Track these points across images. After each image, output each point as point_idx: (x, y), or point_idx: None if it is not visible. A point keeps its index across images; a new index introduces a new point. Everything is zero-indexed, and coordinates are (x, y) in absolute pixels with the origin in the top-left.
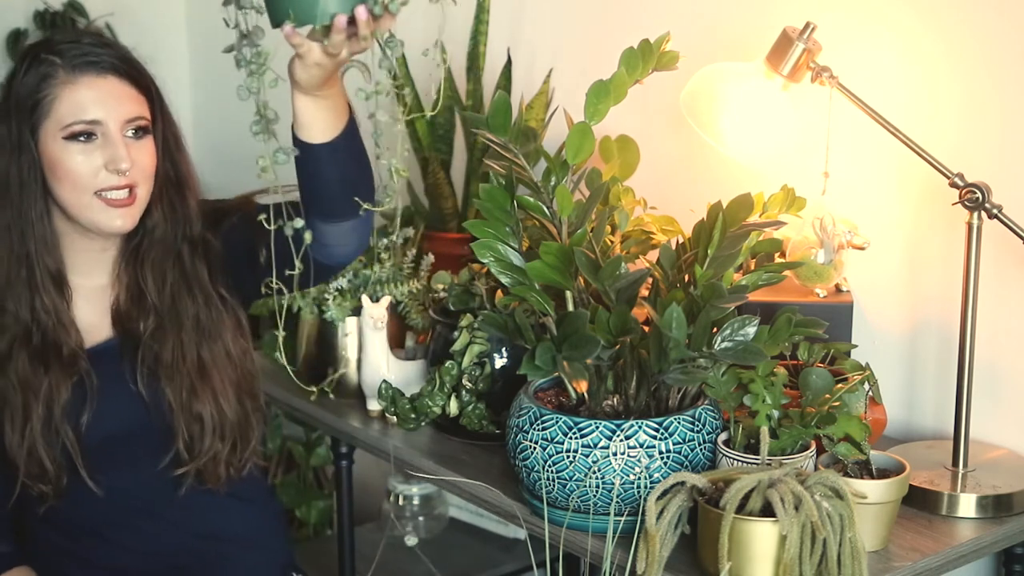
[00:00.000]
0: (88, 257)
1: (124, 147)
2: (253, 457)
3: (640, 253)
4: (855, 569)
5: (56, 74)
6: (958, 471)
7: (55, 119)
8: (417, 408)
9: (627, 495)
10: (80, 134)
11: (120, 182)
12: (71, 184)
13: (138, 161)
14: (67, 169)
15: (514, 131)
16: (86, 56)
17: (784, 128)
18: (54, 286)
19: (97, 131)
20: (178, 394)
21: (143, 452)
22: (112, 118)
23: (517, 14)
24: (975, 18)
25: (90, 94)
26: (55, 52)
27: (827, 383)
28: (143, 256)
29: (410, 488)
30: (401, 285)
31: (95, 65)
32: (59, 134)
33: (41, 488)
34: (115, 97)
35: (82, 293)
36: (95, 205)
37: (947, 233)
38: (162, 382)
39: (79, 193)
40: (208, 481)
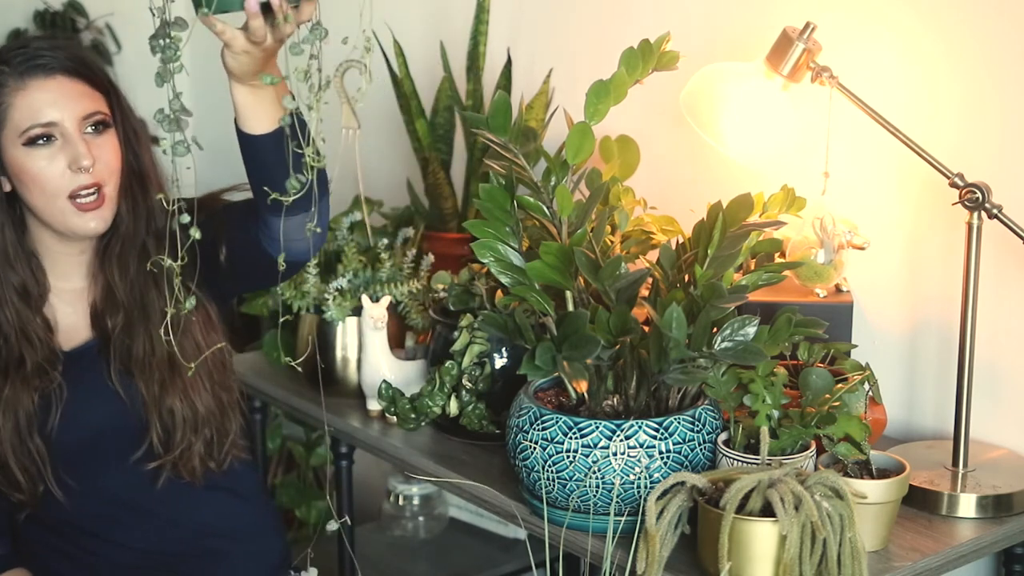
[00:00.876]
0: (66, 260)
1: (84, 144)
2: (233, 450)
3: (640, 253)
4: (855, 569)
5: (6, 82)
6: (958, 471)
7: (12, 127)
8: (417, 408)
9: (627, 495)
10: (38, 138)
11: (87, 180)
12: (40, 190)
13: (101, 157)
14: (33, 175)
15: (514, 131)
16: (33, 60)
17: (784, 128)
18: (18, 298)
19: (55, 132)
20: (151, 389)
21: (119, 449)
22: (67, 117)
23: (517, 14)
24: (975, 18)
25: (42, 96)
26: (3, 61)
27: (827, 383)
28: (111, 253)
29: (410, 488)
30: (401, 285)
31: (42, 67)
32: (18, 141)
33: (18, 496)
34: (67, 96)
35: (63, 297)
36: (68, 210)
37: (947, 233)
38: (135, 378)
39: (50, 198)
40: (184, 475)
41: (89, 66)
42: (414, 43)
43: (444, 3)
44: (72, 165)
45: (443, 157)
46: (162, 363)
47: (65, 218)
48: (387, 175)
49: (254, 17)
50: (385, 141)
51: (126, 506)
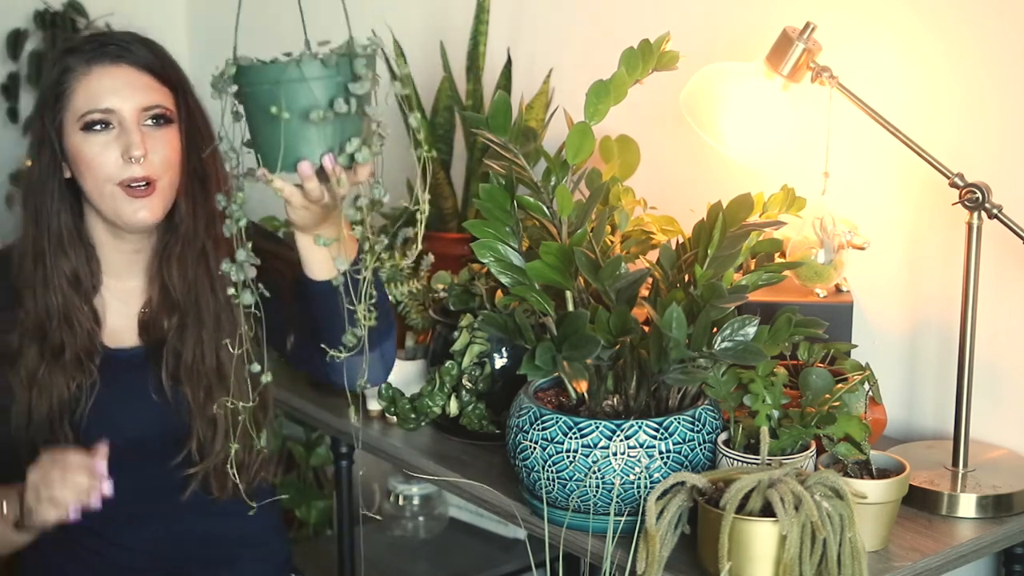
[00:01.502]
0: (121, 257)
1: (139, 135)
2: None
3: (640, 253)
4: (855, 569)
5: (73, 67)
6: (958, 471)
7: (73, 111)
8: (417, 408)
9: (627, 495)
10: (95, 123)
11: (139, 173)
12: (92, 175)
13: (156, 150)
14: (87, 161)
15: (514, 131)
16: (102, 48)
17: (784, 128)
18: (68, 284)
19: (112, 120)
20: (196, 395)
21: (154, 455)
22: (127, 106)
23: (517, 14)
24: (975, 18)
25: (104, 82)
26: (73, 48)
27: (827, 383)
28: (170, 253)
29: (410, 488)
30: (401, 285)
31: (109, 55)
32: (77, 125)
33: None
34: (129, 85)
35: (115, 294)
36: (117, 195)
37: (947, 233)
38: (183, 384)
39: (100, 184)
40: (214, 489)
41: (159, 60)
42: (414, 43)
43: (444, 3)
44: (124, 154)
45: (443, 157)
46: (211, 371)
47: (116, 204)
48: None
49: (308, 179)
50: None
51: (144, 511)
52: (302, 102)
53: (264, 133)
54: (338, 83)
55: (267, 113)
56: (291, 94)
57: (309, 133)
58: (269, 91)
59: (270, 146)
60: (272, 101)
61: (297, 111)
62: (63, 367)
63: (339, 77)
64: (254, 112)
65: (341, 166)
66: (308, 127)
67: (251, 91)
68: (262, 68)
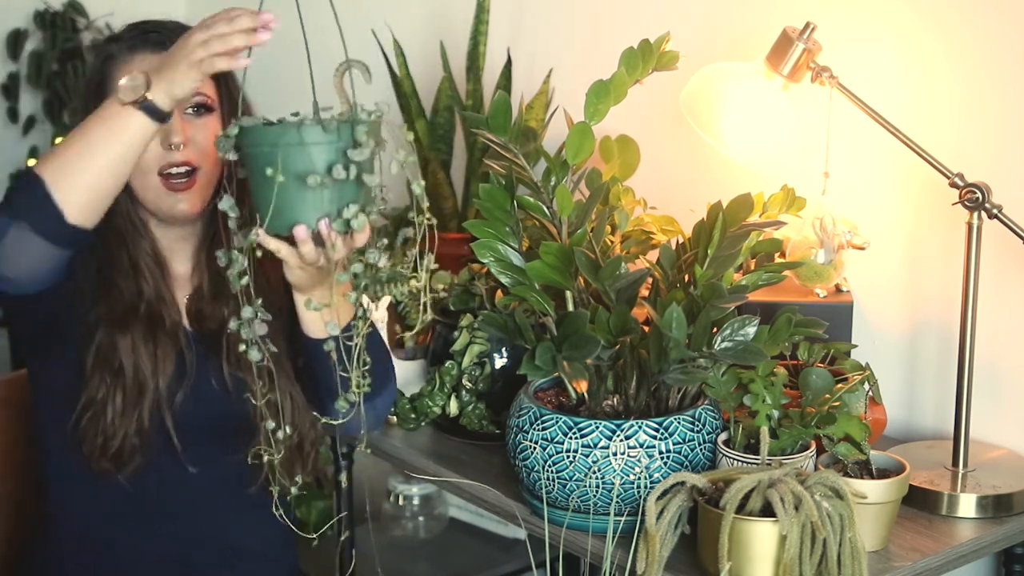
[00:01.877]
0: (166, 245)
1: (180, 122)
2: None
3: (640, 253)
4: (855, 569)
5: (115, 54)
6: (958, 471)
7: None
8: (417, 408)
9: (627, 495)
10: None
11: (178, 158)
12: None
13: (196, 138)
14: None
15: (514, 131)
16: (144, 35)
17: (784, 128)
18: (154, 262)
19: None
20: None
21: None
22: None
23: (517, 14)
24: (975, 18)
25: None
26: (116, 37)
27: (827, 383)
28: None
29: (410, 488)
30: (401, 285)
31: (151, 43)
32: None
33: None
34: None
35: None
36: (158, 188)
37: (947, 233)
38: (246, 373)
39: (142, 174)
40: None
41: None
42: (414, 43)
43: (444, 3)
44: (164, 141)
45: (443, 157)
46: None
47: (156, 196)
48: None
49: (303, 243)
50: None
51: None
52: (300, 166)
53: (263, 193)
54: (338, 148)
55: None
56: (289, 157)
57: (306, 197)
58: (268, 153)
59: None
60: (269, 163)
61: (294, 174)
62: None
63: (339, 143)
64: (254, 171)
65: (337, 231)
66: (305, 191)
67: (252, 151)
68: (263, 130)
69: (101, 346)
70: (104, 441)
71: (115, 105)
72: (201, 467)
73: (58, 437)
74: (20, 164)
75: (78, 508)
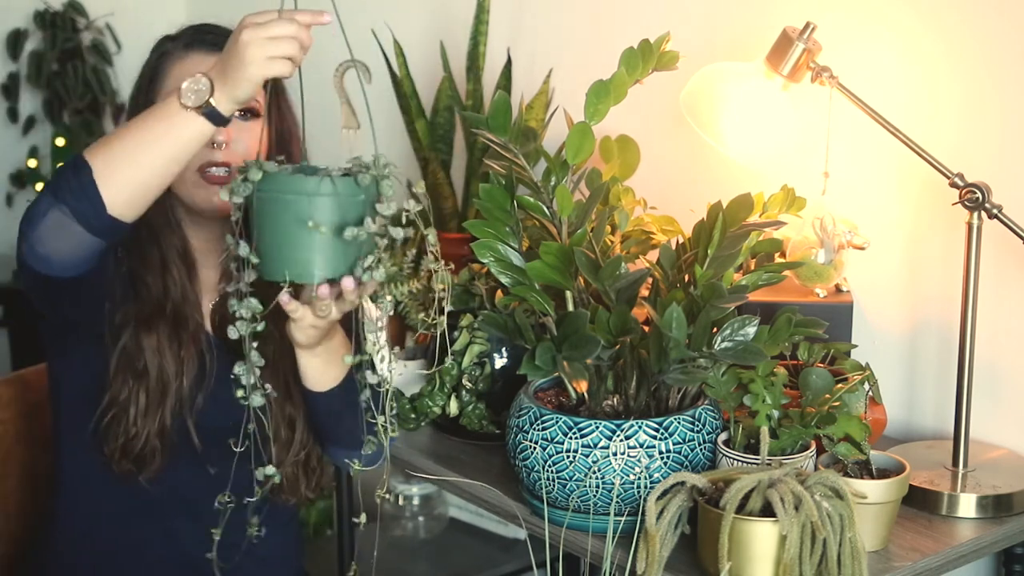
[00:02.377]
0: (197, 246)
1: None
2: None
3: (640, 253)
4: (855, 569)
5: (171, 51)
6: (958, 471)
7: (164, 92)
8: (417, 408)
9: (627, 495)
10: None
11: (219, 157)
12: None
13: (240, 140)
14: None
15: (514, 131)
16: (201, 36)
17: (784, 128)
18: (182, 262)
19: None
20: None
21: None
22: None
23: (517, 14)
24: (975, 18)
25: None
26: (174, 36)
27: (827, 383)
28: None
29: (410, 488)
30: (401, 285)
31: (207, 44)
32: None
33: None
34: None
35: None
36: (196, 181)
37: (947, 233)
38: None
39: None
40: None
41: None
42: (414, 43)
43: (444, 3)
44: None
45: (443, 157)
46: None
47: (192, 187)
48: None
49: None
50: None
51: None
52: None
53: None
54: (365, 202)
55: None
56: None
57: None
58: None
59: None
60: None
61: (329, 226)
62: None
63: (365, 196)
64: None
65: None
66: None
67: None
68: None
69: (127, 347)
70: (126, 442)
71: (175, 106)
72: (220, 468)
73: (77, 437)
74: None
75: (89, 508)
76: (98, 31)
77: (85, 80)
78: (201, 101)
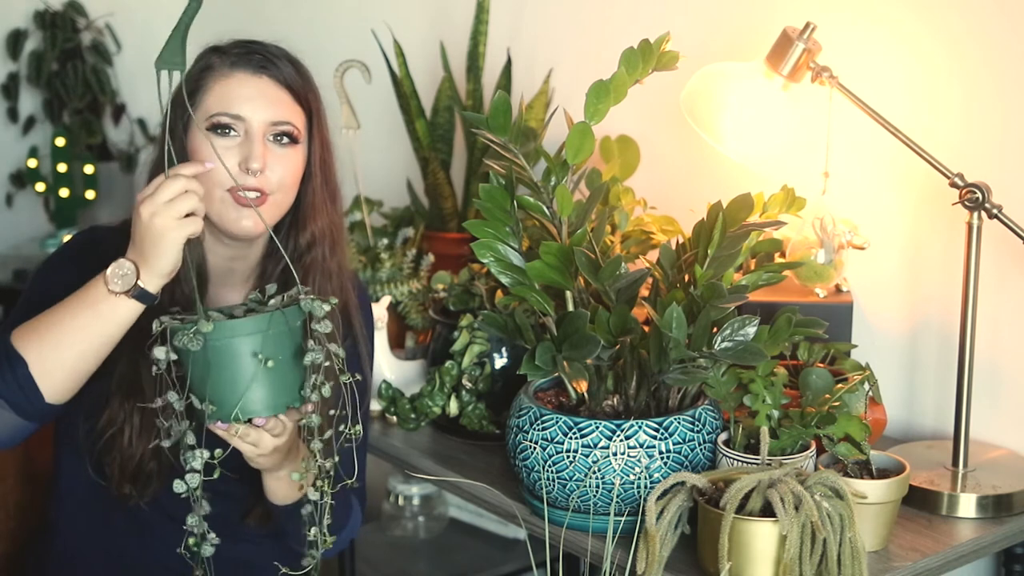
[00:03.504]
0: (216, 263)
1: (262, 147)
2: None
3: (640, 253)
4: (855, 569)
5: (215, 66)
6: (958, 471)
7: (204, 109)
8: (417, 408)
9: (627, 495)
10: (221, 126)
11: (252, 183)
12: (206, 176)
13: (275, 168)
14: (202, 160)
15: (514, 131)
16: (248, 55)
17: (784, 128)
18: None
19: (239, 127)
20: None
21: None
22: (256, 118)
23: (517, 14)
24: (975, 18)
25: (240, 89)
26: (220, 49)
27: (827, 383)
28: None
29: (410, 488)
30: (401, 285)
31: (252, 63)
32: (203, 124)
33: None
34: (265, 97)
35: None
36: (226, 200)
37: (947, 233)
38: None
39: (211, 187)
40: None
41: (301, 79)
42: (414, 43)
43: (444, 3)
44: (242, 163)
45: (443, 157)
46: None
47: (222, 208)
48: (387, 175)
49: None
50: (385, 141)
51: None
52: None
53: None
54: (299, 328)
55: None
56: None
57: (286, 378)
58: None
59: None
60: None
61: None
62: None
63: (300, 320)
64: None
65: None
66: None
67: (224, 343)
68: (243, 321)
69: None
70: (122, 462)
71: (102, 292)
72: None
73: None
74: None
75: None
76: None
77: (85, 80)
78: (129, 285)
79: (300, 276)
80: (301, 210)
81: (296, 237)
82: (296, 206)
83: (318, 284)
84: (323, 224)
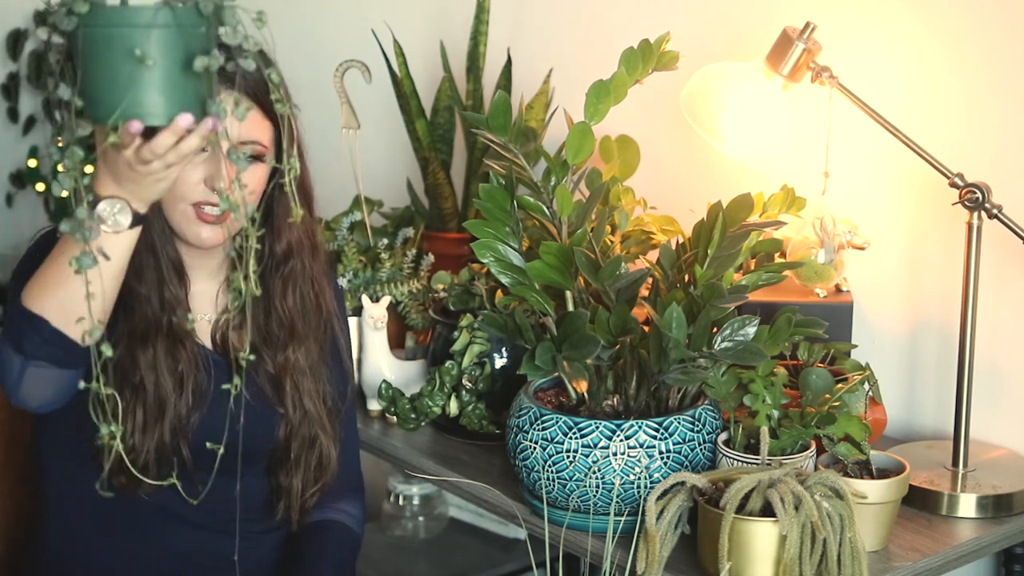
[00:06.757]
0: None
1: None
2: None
3: (640, 253)
4: (855, 569)
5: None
6: (958, 471)
7: None
8: (417, 408)
9: (627, 495)
10: None
11: (214, 199)
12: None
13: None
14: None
15: (514, 131)
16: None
17: (784, 128)
18: (176, 275)
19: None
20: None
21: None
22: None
23: (517, 14)
24: (975, 18)
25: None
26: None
27: (827, 383)
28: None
29: (410, 488)
30: (401, 285)
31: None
32: None
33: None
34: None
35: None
36: (188, 214)
37: (947, 233)
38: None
39: (175, 200)
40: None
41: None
42: (414, 43)
43: (444, 3)
44: (208, 181)
45: (443, 157)
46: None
47: (183, 220)
48: (387, 175)
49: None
50: (385, 141)
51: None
52: (174, 51)
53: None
54: (206, 34)
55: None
56: (162, 41)
57: (178, 86)
58: (128, 35)
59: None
60: (132, 46)
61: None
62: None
63: (206, 28)
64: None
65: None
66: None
67: (103, 32)
68: (127, 10)
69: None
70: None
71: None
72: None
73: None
74: (20, 164)
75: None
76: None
77: None
78: (128, 221)
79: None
80: (274, 218)
81: (272, 244)
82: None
83: (301, 292)
84: (299, 232)
